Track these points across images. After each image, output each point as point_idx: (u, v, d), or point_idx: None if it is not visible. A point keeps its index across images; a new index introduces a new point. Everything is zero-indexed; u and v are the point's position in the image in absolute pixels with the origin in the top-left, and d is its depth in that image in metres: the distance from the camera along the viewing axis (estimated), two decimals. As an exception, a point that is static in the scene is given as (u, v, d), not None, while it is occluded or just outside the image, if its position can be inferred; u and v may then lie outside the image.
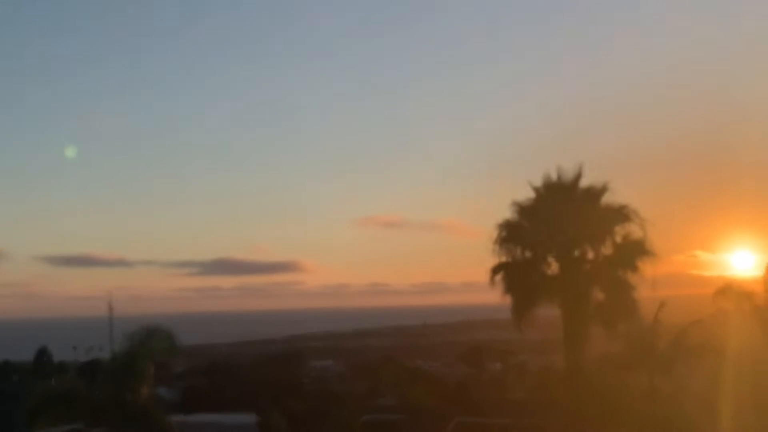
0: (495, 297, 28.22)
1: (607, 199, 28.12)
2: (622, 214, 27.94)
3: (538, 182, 28.34)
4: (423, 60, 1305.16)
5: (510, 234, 28.10)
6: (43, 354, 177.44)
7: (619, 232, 27.98)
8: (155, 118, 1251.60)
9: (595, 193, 28.14)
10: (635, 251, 27.61)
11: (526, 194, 28.40)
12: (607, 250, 28.04)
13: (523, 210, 28.26)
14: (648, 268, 27.50)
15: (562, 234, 28.08)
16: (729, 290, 36.79)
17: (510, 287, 27.83)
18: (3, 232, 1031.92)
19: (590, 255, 28.14)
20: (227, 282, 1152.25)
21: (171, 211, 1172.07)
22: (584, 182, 28.25)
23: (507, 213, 28.33)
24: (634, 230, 27.85)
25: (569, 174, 28.28)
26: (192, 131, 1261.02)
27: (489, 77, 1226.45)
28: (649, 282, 27.66)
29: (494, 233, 28.13)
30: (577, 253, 28.08)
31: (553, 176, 28.25)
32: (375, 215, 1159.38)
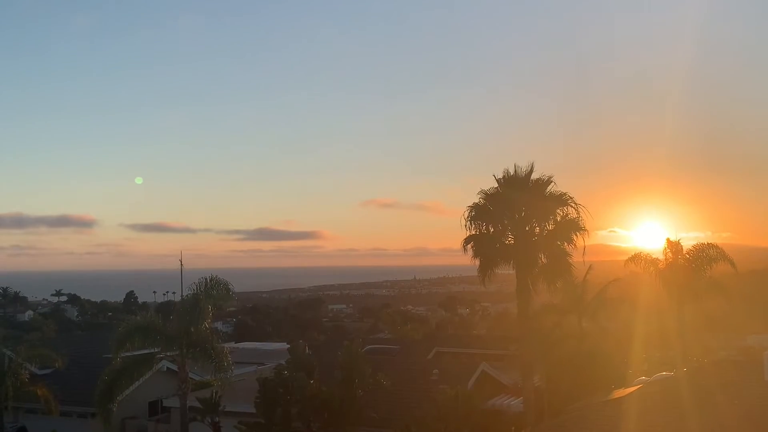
0: (466, 260, 28.09)
1: (550, 188, 27.94)
2: (561, 200, 27.74)
3: (500, 175, 28.16)
4: (415, 79, 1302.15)
5: (478, 214, 27.89)
6: (130, 296, 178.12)
7: (559, 213, 27.78)
8: (212, 130, 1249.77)
9: (541, 184, 27.93)
10: (570, 227, 27.45)
11: (491, 184, 28.22)
12: (549, 226, 27.84)
13: (488, 196, 28.04)
14: (579, 240, 27.34)
15: (516, 214, 27.90)
16: (638, 258, 36.82)
17: (477, 253, 27.66)
18: (97, 206, 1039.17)
19: (537, 230, 27.97)
20: (267, 246, 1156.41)
21: (224, 193, 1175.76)
22: (534, 176, 28.05)
23: (476, 198, 28.19)
24: (570, 212, 27.66)
25: (523, 170, 28.10)
26: (240, 138, 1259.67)
27: (467, 96, 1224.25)
28: (580, 250, 27.50)
29: (466, 213, 27.96)
30: (527, 228, 27.90)
31: (511, 171, 28.09)
32: (375, 198, 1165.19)
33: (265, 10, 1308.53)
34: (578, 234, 27.31)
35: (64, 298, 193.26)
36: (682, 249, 36.00)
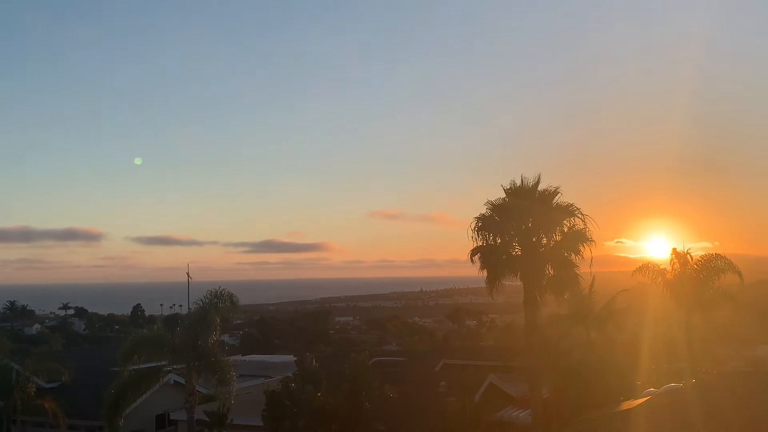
0: (473, 271, 28.05)
1: (557, 199, 27.90)
2: (568, 210, 27.70)
3: (507, 186, 28.15)
4: (421, 93, 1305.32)
5: (485, 225, 27.86)
6: (137, 309, 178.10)
7: (566, 224, 27.73)
8: (217, 142, 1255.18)
9: (548, 195, 27.89)
10: (577, 238, 27.39)
11: (497, 195, 28.20)
12: (557, 237, 27.81)
13: (495, 207, 28.03)
14: (587, 251, 27.28)
15: (523, 225, 27.87)
16: (646, 268, 36.68)
17: (484, 264, 27.62)
18: (104, 219, 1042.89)
19: (544, 241, 27.92)
20: (273, 258, 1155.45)
21: (229, 206, 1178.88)
22: (541, 186, 28.01)
23: (482, 209, 28.19)
24: (577, 222, 27.60)
25: (530, 180, 28.08)
26: (244, 150, 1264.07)
27: (469, 107, 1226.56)
28: (588, 261, 27.44)
29: (473, 224, 27.93)
30: (534, 239, 27.85)
31: (518, 182, 28.09)
32: (381, 210, 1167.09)
33: (266, 15, 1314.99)
34: (585, 245, 27.26)
35: (71, 312, 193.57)
36: (690, 259, 35.88)
